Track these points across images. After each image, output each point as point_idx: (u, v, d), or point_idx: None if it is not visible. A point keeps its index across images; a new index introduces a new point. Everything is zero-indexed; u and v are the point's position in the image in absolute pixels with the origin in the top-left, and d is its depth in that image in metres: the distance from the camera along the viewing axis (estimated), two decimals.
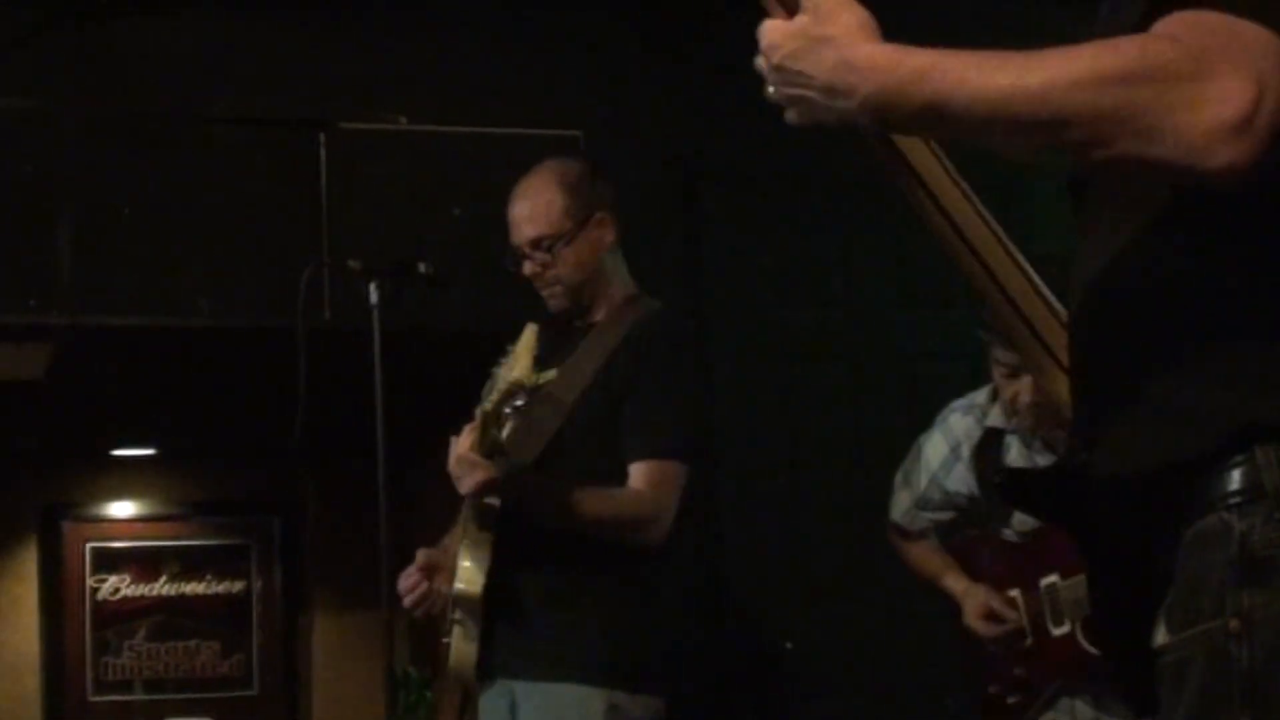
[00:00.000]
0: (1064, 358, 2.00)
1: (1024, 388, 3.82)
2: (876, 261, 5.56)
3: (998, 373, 3.91)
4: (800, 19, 1.88)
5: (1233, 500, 1.74)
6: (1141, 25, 1.71)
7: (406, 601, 3.87)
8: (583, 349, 3.84)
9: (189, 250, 5.14)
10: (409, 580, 3.86)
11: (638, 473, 3.72)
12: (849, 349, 5.53)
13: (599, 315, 3.90)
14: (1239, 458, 1.73)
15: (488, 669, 3.78)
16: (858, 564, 5.03)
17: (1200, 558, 1.77)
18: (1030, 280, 2.06)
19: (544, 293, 3.91)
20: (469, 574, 3.70)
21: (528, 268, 3.88)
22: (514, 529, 3.71)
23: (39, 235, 5.02)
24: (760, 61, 1.92)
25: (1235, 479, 1.74)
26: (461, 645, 3.76)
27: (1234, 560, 1.73)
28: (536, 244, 3.86)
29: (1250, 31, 1.65)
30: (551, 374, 3.84)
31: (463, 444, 3.62)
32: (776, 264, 5.55)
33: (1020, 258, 2.06)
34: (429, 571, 3.85)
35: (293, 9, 5.34)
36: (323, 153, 5.11)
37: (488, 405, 3.52)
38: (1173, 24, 1.68)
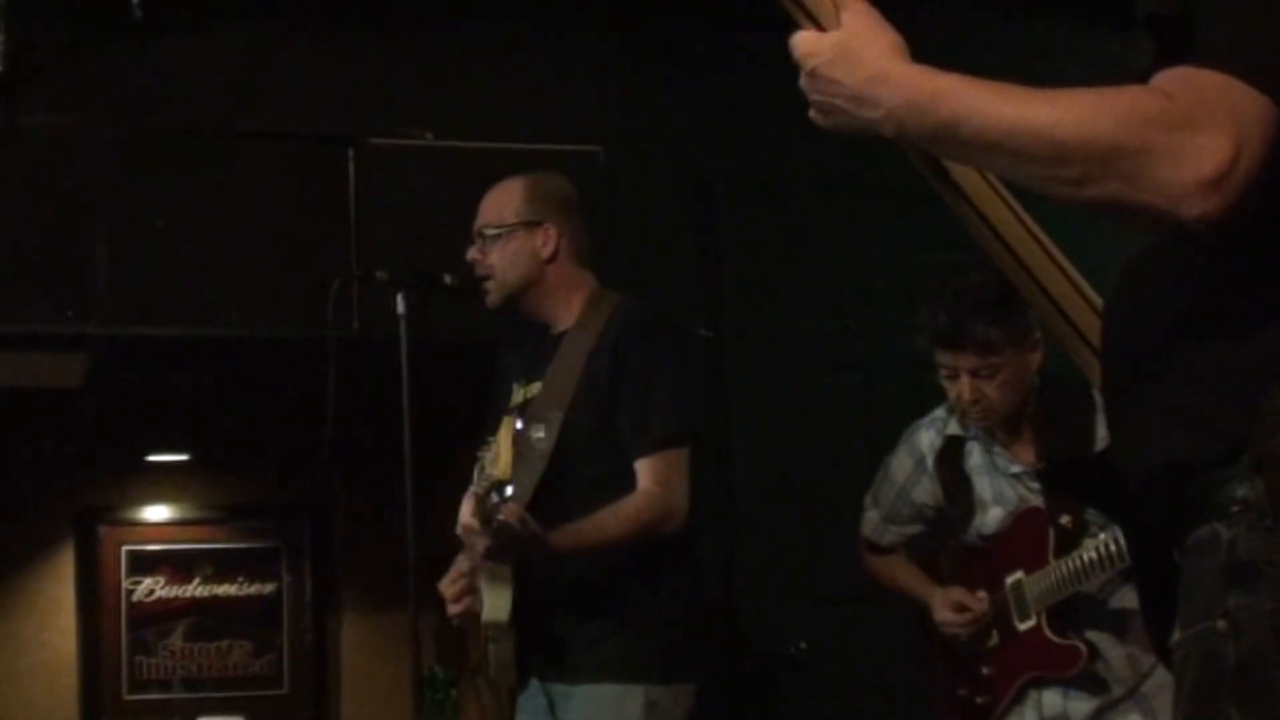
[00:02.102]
0: (1096, 342, 2.05)
1: (962, 387, 3.85)
2: (888, 273, 5.61)
3: (940, 375, 3.93)
4: (838, 33, 1.99)
5: (1223, 510, 1.80)
6: (1149, 74, 1.78)
7: (454, 610, 3.88)
8: (559, 359, 3.91)
9: (221, 262, 5.20)
10: (457, 588, 3.88)
11: (642, 470, 3.77)
12: (861, 358, 5.59)
13: (565, 324, 3.97)
14: (1231, 470, 1.79)
15: (523, 672, 3.84)
16: None
17: (1196, 564, 1.84)
18: (1060, 266, 2.11)
19: (483, 286, 4.00)
20: (494, 603, 3.73)
21: (470, 252, 3.99)
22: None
23: (76, 248, 5.08)
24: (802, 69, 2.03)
25: (1227, 491, 1.80)
26: (500, 654, 3.81)
27: (1222, 566, 1.79)
28: (480, 231, 3.99)
29: (1240, 93, 1.71)
30: (537, 387, 3.91)
31: (465, 513, 3.68)
32: (791, 276, 5.60)
33: (1056, 252, 2.11)
34: (472, 581, 3.88)
35: (322, 28, 5.40)
36: (351, 167, 5.15)
37: (479, 489, 3.57)
38: (1172, 79, 1.75)
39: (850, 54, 1.97)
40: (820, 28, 2.04)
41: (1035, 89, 1.81)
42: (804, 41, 2.03)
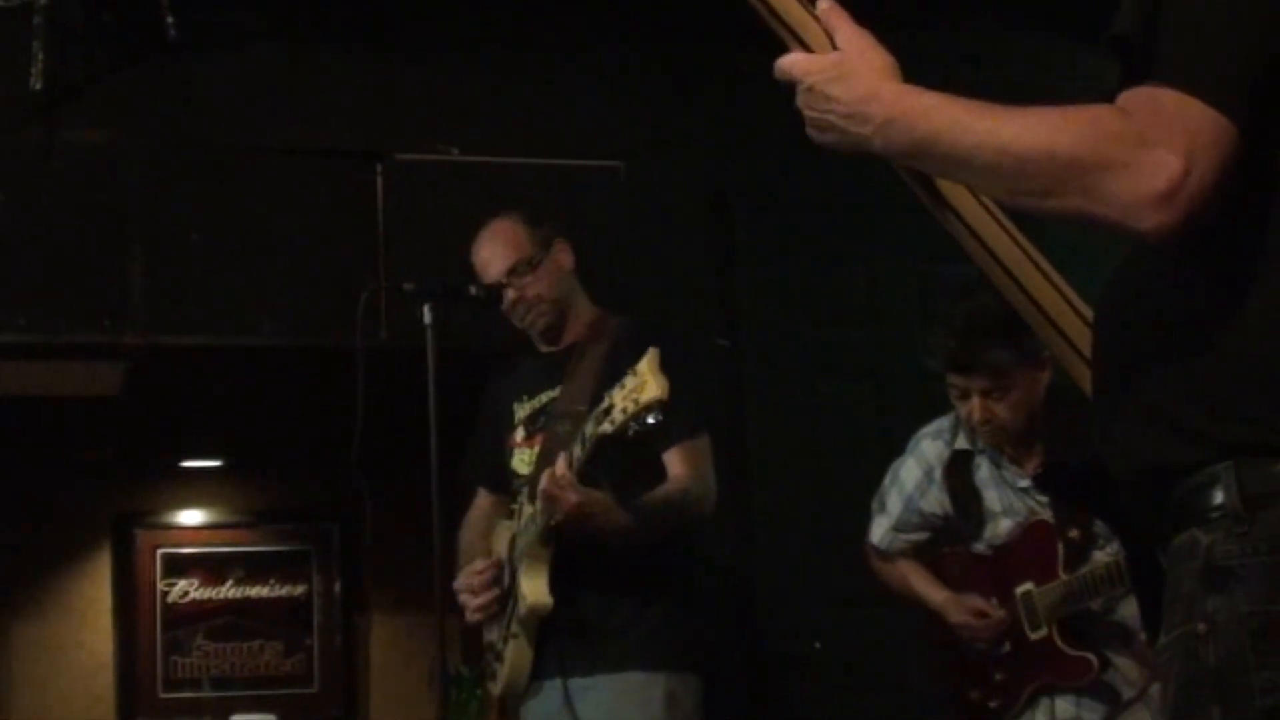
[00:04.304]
0: (1088, 353, 2.09)
1: (973, 407, 3.89)
2: (898, 284, 5.64)
3: (951, 395, 3.97)
4: (836, 54, 2.08)
5: (1201, 517, 1.85)
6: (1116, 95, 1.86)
7: (476, 604, 3.98)
8: (575, 366, 4.01)
9: (254, 274, 5.24)
10: (480, 581, 3.98)
11: (672, 458, 3.92)
12: (873, 366, 5.60)
13: (573, 336, 4.09)
14: (1207, 476, 1.84)
15: (535, 672, 3.94)
16: None
17: (1177, 569, 1.89)
18: (1052, 281, 2.16)
19: (527, 317, 4.09)
20: (537, 590, 3.82)
21: (510, 295, 4.07)
22: (569, 543, 3.84)
23: (113, 260, 5.13)
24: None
25: (1205, 497, 1.84)
26: (518, 654, 3.90)
27: (1200, 570, 1.84)
28: (513, 271, 4.08)
29: (1195, 111, 1.77)
30: (552, 393, 4.02)
31: (560, 465, 3.68)
32: (805, 286, 5.63)
33: (1047, 267, 2.17)
34: (497, 585, 3.97)
35: (351, 48, 5.45)
36: (380, 182, 5.18)
37: (608, 427, 3.50)
38: (1133, 98, 1.81)
39: (846, 72, 2.05)
40: (808, 49, 2.13)
41: (1010, 107, 1.88)
42: (801, 60, 2.12)
